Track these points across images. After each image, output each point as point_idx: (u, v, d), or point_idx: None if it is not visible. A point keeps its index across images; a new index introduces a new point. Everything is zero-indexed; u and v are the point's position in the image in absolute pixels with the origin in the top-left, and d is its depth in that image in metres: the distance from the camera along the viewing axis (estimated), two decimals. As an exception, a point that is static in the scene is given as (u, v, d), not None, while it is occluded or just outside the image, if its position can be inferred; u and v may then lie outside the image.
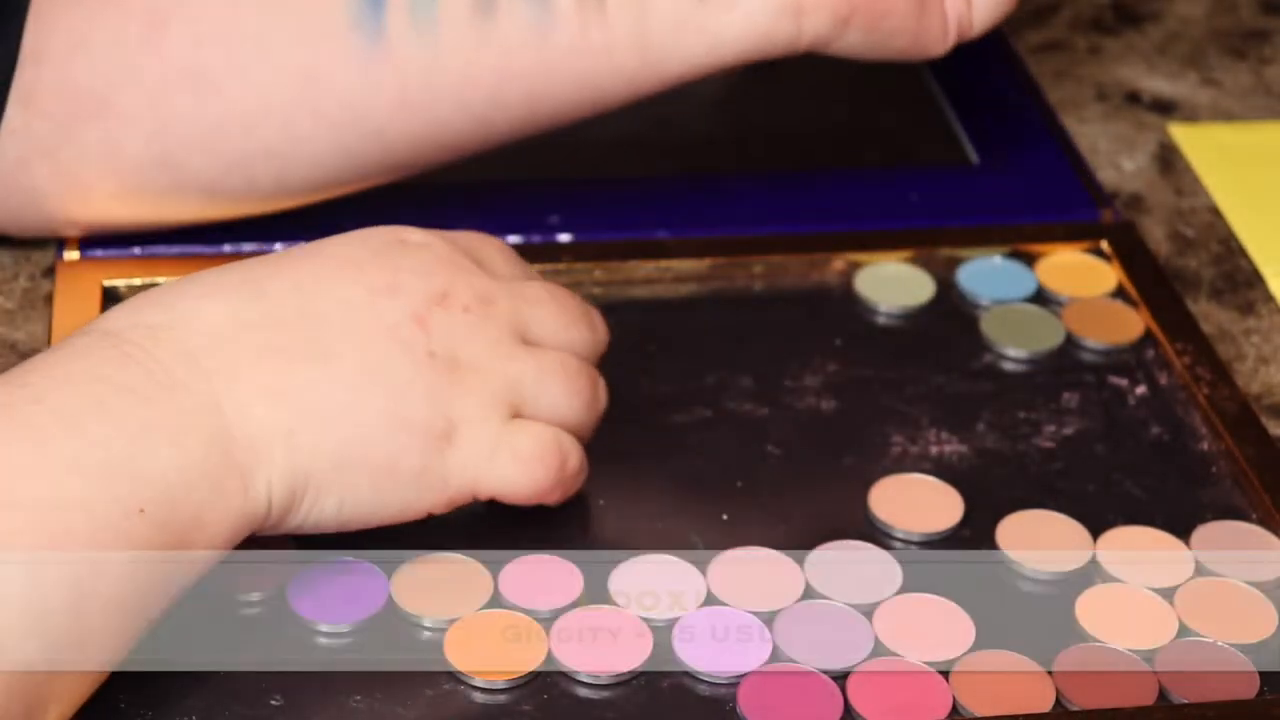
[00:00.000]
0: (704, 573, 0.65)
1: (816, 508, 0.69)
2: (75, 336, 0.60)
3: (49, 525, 0.54)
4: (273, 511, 0.60)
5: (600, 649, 0.63)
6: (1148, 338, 0.76)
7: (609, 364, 0.68)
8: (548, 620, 0.63)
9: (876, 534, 0.68)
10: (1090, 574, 0.67)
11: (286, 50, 0.70)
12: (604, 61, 0.71)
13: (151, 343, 0.59)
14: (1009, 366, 0.75)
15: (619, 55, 0.71)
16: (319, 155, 0.72)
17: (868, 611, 0.65)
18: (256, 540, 0.65)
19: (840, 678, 0.62)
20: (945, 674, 0.63)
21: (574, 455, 0.65)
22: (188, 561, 0.58)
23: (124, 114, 0.70)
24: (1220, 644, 0.64)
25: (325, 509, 0.61)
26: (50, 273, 0.76)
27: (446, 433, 0.62)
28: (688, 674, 0.63)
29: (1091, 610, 0.65)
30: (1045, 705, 0.62)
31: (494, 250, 0.68)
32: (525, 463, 0.63)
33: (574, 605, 0.64)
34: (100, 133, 0.70)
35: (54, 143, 0.71)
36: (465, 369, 0.62)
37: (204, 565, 0.59)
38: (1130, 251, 0.80)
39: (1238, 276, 0.80)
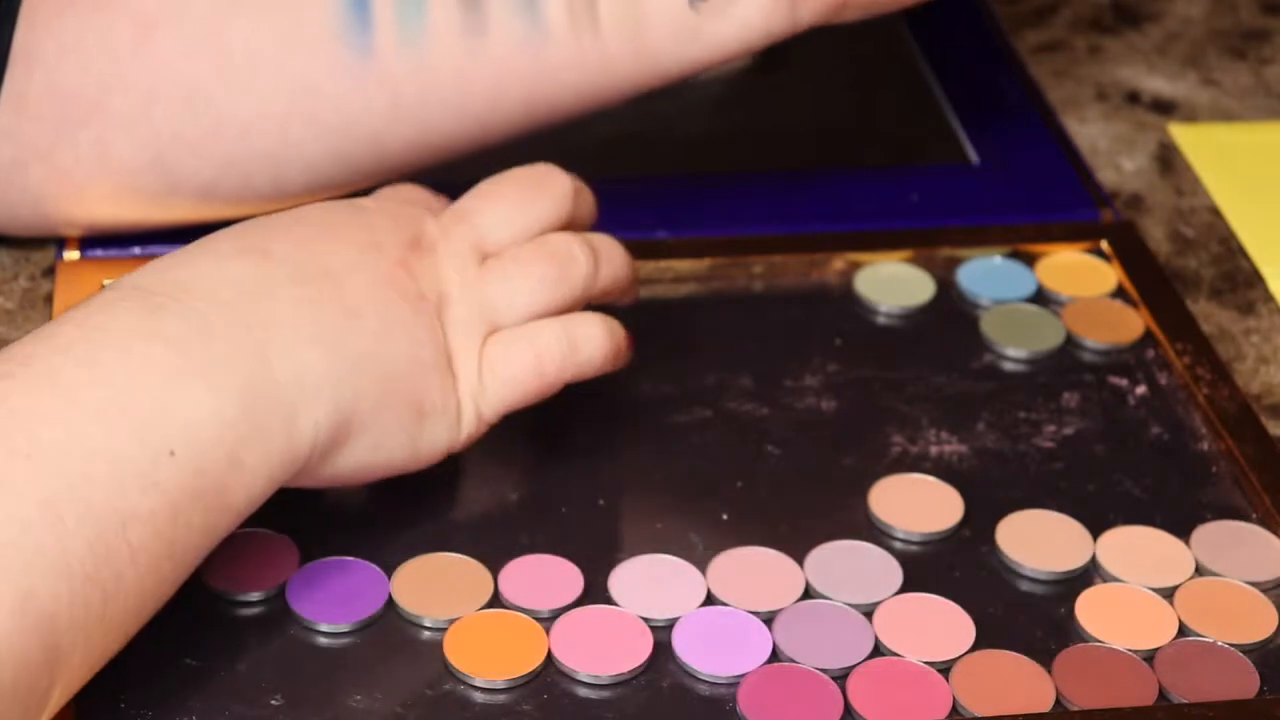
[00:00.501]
0: (704, 573, 0.65)
1: (816, 508, 0.69)
2: (105, 291, 0.61)
3: (69, 472, 0.54)
4: (315, 452, 0.60)
5: (600, 649, 0.63)
6: (1148, 338, 0.76)
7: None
8: (548, 620, 0.64)
9: (876, 534, 0.68)
10: (1090, 574, 0.67)
11: (278, 60, 0.70)
12: (600, 72, 0.71)
13: (183, 292, 0.60)
14: (1009, 366, 0.75)
15: (615, 65, 0.71)
16: (314, 159, 0.72)
17: (868, 611, 0.65)
18: (258, 538, 0.65)
19: (840, 678, 0.62)
20: (945, 674, 0.63)
21: (562, 341, 0.66)
22: (225, 505, 0.58)
23: (115, 118, 0.70)
24: (1220, 644, 0.64)
25: (360, 451, 0.62)
26: (50, 273, 0.76)
27: (449, 368, 0.64)
28: (688, 674, 0.63)
29: (1091, 610, 0.65)
30: (1045, 705, 0.62)
31: (426, 194, 0.71)
32: (509, 380, 0.65)
33: (574, 605, 0.64)
34: (92, 136, 0.70)
35: (47, 145, 0.71)
36: (446, 303, 0.65)
37: (249, 506, 0.59)
38: (1130, 251, 0.80)
39: (1238, 276, 0.80)
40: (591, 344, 0.66)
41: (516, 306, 0.66)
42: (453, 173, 0.76)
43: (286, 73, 0.70)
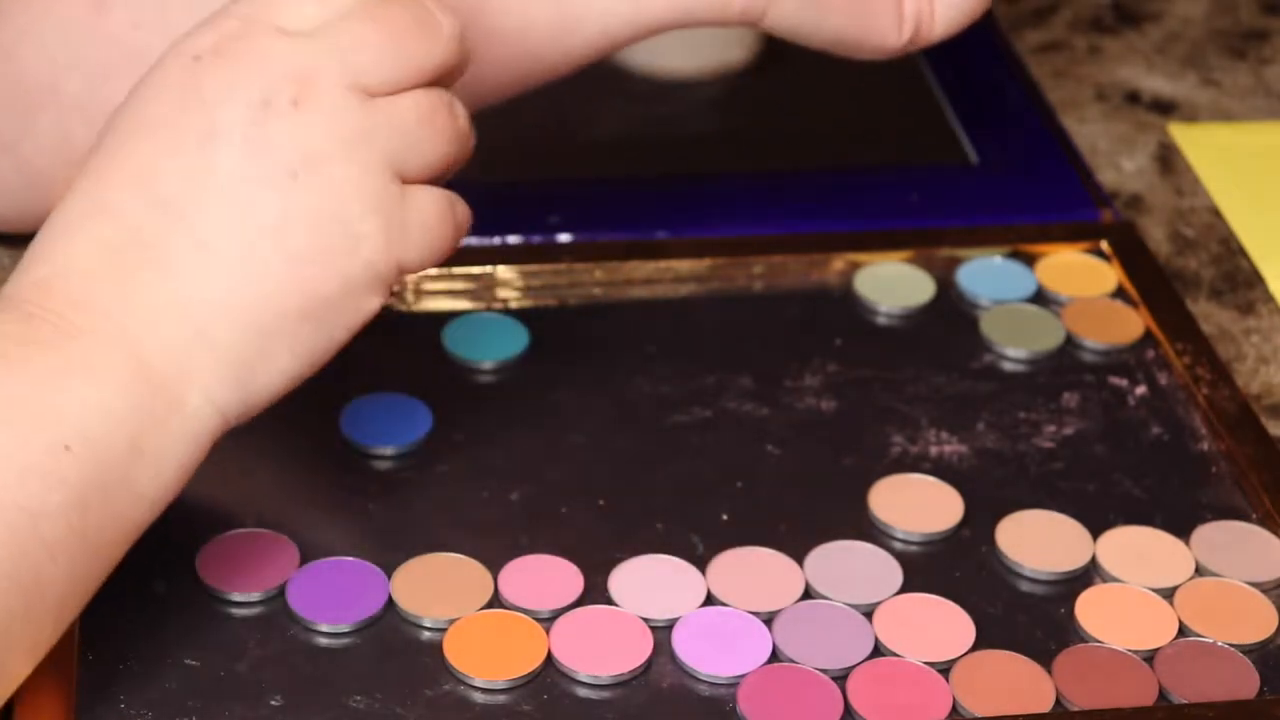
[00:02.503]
0: (704, 573, 0.65)
1: (816, 508, 0.68)
2: None
3: None
4: (230, 410, 0.59)
5: (600, 649, 0.63)
6: (1148, 338, 0.76)
7: (609, 364, 0.68)
8: (548, 620, 0.64)
9: (876, 534, 0.68)
10: (1090, 574, 0.67)
11: None
12: (518, 17, 0.68)
13: (44, 296, 0.58)
14: (1009, 366, 0.75)
15: (533, 10, 0.69)
16: None
17: (868, 611, 0.65)
18: (258, 538, 0.65)
19: (840, 678, 0.62)
20: (945, 674, 0.63)
21: (460, 205, 0.62)
22: (133, 492, 0.57)
23: (70, 100, 0.70)
24: (1220, 644, 0.64)
25: (284, 370, 0.59)
26: (50, 273, 0.76)
27: (348, 237, 0.59)
28: (688, 674, 0.63)
29: (1091, 610, 0.65)
30: (1045, 705, 0.62)
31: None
32: (433, 230, 0.61)
33: (574, 605, 0.64)
34: (51, 122, 0.70)
35: (13, 136, 0.71)
36: (328, 164, 0.58)
37: (162, 492, 0.58)
38: (1130, 251, 0.80)
39: (1238, 276, 0.80)
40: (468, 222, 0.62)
41: (412, 165, 0.60)
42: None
43: None
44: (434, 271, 0.76)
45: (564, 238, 0.79)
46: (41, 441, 0.55)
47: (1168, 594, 0.66)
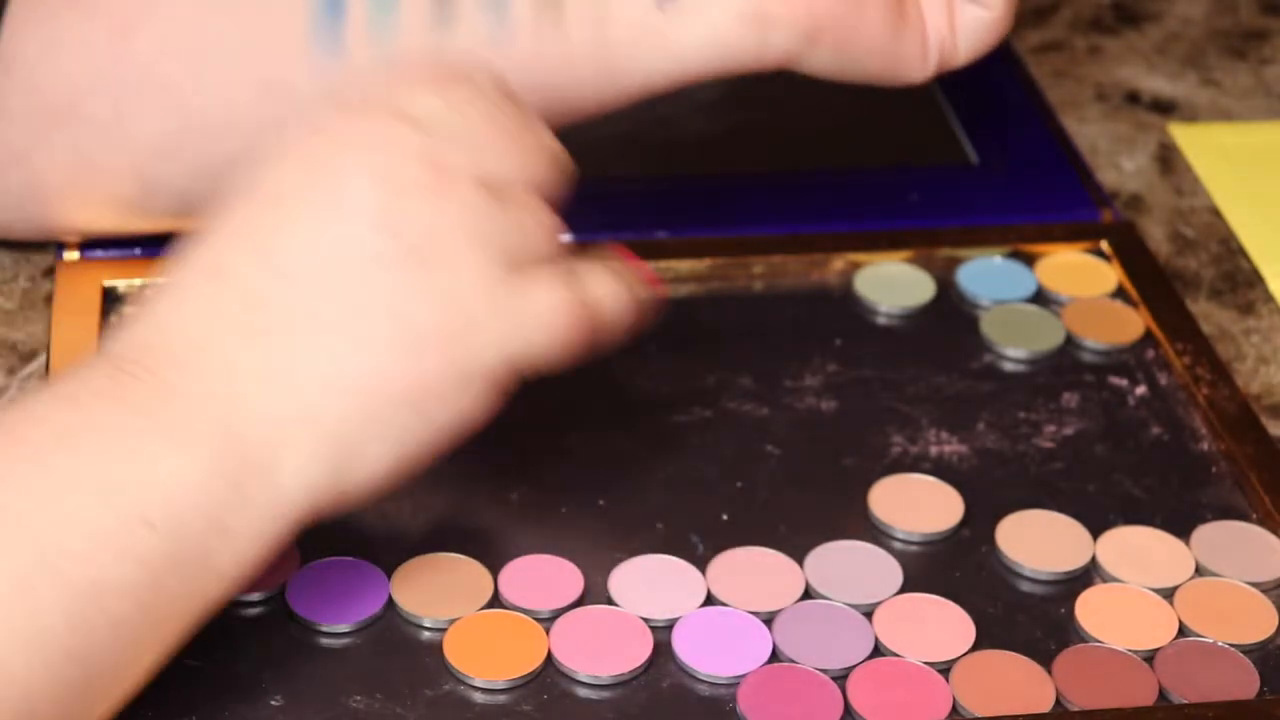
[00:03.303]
0: (704, 573, 0.65)
1: (816, 508, 0.68)
2: (80, 364, 0.59)
3: (43, 543, 0.53)
4: (320, 493, 0.57)
5: (600, 649, 0.63)
6: (1148, 338, 0.76)
7: (609, 363, 0.68)
8: (548, 620, 0.64)
9: (876, 534, 0.68)
10: (1090, 574, 0.67)
11: (247, 58, 0.69)
12: (563, 72, 0.69)
13: (144, 355, 0.57)
14: (1009, 366, 0.75)
15: (578, 67, 0.69)
16: None
17: (868, 611, 0.65)
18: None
19: (840, 678, 0.62)
20: (945, 674, 0.63)
21: (594, 292, 0.61)
22: (211, 571, 0.56)
23: (90, 120, 0.70)
24: (1220, 644, 0.64)
25: (382, 457, 0.58)
26: (50, 273, 0.76)
27: (463, 324, 0.58)
28: (688, 674, 0.63)
29: (1091, 610, 0.65)
30: (1045, 705, 0.62)
31: (421, 90, 0.61)
32: (551, 324, 0.59)
33: (574, 605, 0.64)
34: (68, 138, 0.70)
35: (25, 149, 0.71)
36: (452, 251, 0.58)
37: (241, 571, 0.57)
38: (1130, 251, 0.80)
39: (1238, 276, 0.80)
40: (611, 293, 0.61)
41: (532, 251, 0.60)
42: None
43: (255, 72, 0.69)
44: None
45: (564, 238, 0.78)
46: (121, 512, 0.54)
47: (1168, 594, 0.66)
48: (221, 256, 0.59)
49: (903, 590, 0.65)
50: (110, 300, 0.74)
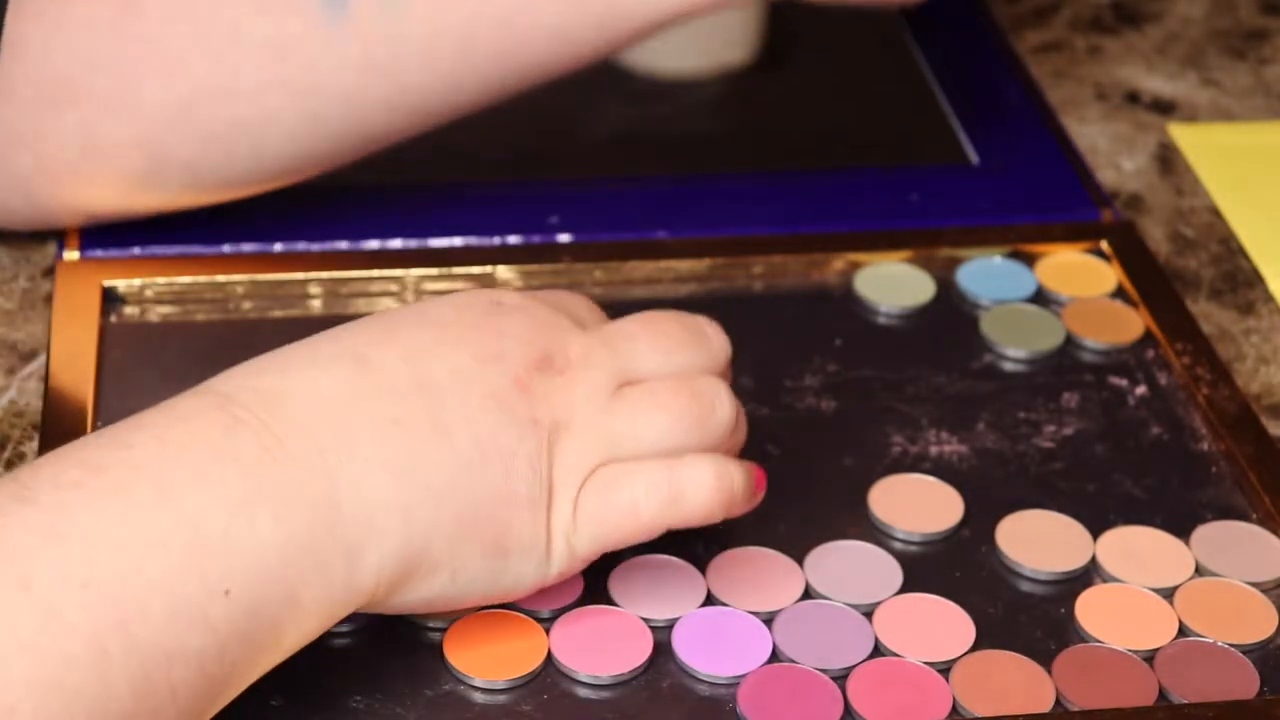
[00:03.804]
0: (704, 573, 0.65)
1: (816, 508, 0.68)
2: (187, 395, 0.58)
3: (123, 605, 0.52)
4: (379, 589, 0.58)
5: (600, 649, 0.63)
6: (1148, 338, 0.76)
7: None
8: (548, 620, 0.63)
9: (876, 534, 0.68)
10: (1090, 574, 0.67)
11: (250, 23, 0.70)
12: (560, 16, 0.71)
13: (263, 409, 0.57)
14: (1009, 366, 0.75)
15: (571, 13, 0.71)
16: (291, 127, 0.72)
17: (868, 611, 0.65)
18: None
19: (840, 678, 0.62)
20: (945, 674, 0.63)
21: (663, 489, 0.61)
22: (275, 643, 0.56)
23: (98, 97, 0.70)
24: (1220, 644, 0.64)
25: (435, 585, 0.59)
26: (50, 273, 0.76)
27: (546, 503, 0.60)
28: (688, 674, 0.63)
29: (1091, 610, 0.65)
30: (1045, 705, 0.62)
31: (584, 305, 0.66)
32: (602, 522, 0.61)
33: (574, 605, 0.64)
34: (76, 117, 0.71)
35: (33, 131, 0.71)
36: (564, 431, 0.61)
37: (298, 645, 0.57)
38: (1130, 251, 0.80)
39: (1238, 276, 0.80)
40: (699, 493, 0.61)
41: (643, 443, 0.62)
42: (454, 174, 0.76)
43: (260, 35, 0.70)
44: (434, 271, 0.76)
45: (564, 238, 0.79)
46: (205, 579, 0.54)
47: (1168, 594, 0.66)
48: (369, 349, 0.60)
49: (903, 590, 0.65)
50: (110, 300, 0.74)
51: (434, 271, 0.76)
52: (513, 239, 0.78)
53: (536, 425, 0.60)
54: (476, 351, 0.60)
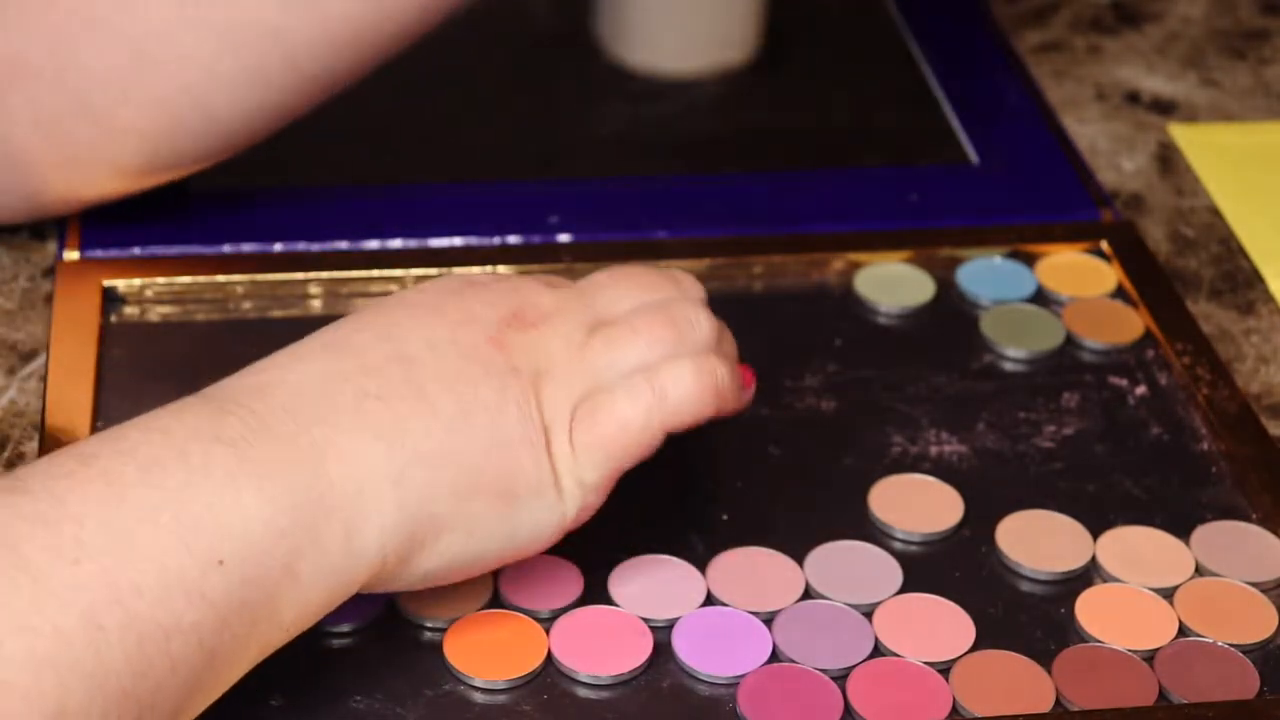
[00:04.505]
0: (704, 573, 0.65)
1: (816, 508, 0.68)
2: (180, 400, 0.59)
3: (115, 580, 0.53)
4: (390, 559, 0.58)
5: (600, 649, 0.63)
6: (1148, 338, 0.76)
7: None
8: (548, 620, 0.64)
9: (876, 534, 0.68)
10: (1090, 574, 0.67)
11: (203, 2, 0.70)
12: None
13: (249, 398, 0.58)
14: (1009, 366, 0.75)
15: None
16: (230, 78, 0.71)
17: (868, 611, 0.65)
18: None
19: (840, 678, 0.62)
20: (945, 674, 0.63)
21: (645, 390, 0.62)
22: (274, 617, 0.56)
23: (36, 71, 0.70)
24: (1220, 644, 0.64)
25: (453, 544, 0.59)
26: (50, 273, 0.76)
27: (545, 445, 0.61)
28: (688, 674, 0.63)
29: (1091, 610, 0.65)
30: (1045, 705, 0.62)
31: (555, 278, 0.67)
32: (596, 443, 0.61)
33: (574, 605, 0.64)
34: (21, 96, 0.70)
35: None
36: (545, 377, 0.61)
37: (302, 622, 0.57)
38: (1130, 251, 0.80)
39: (1238, 276, 0.80)
40: (680, 387, 0.62)
41: (624, 370, 0.62)
42: (454, 174, 0.76)
43: (218, 12, 0.70)
44: (434, 271, 0.76)
45: (564, 238, 0.79)
46: (196, 552, 0.54)
47: (1168, 594, 0.66)
48: (349, 336, 0.61)
49: (903, 590, 0.65)
50: (110, 300, 0.74)
51: (434, 271, 0.76)
52: (513, 239, 0.78)
53: (517, 374, 0.61)
54: (449, 321, 0.62)
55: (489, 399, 0.60)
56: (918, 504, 0.68)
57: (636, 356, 0.63)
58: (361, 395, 0.59)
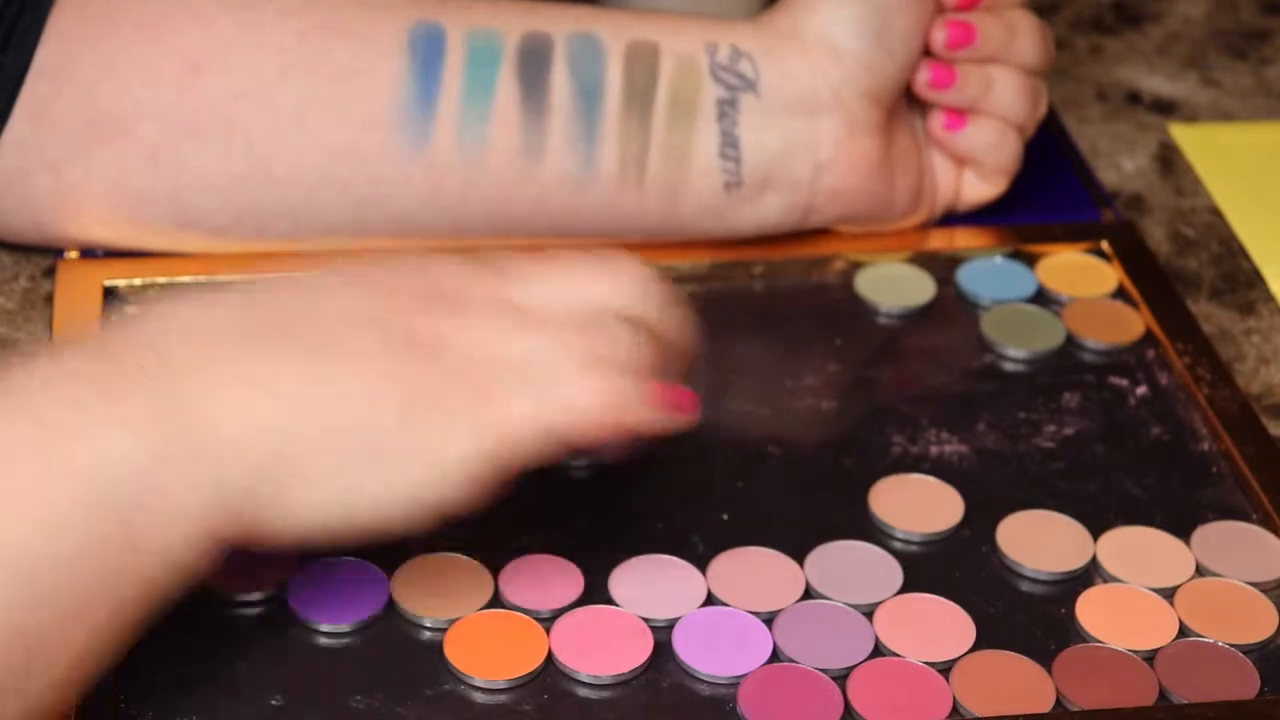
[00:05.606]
0: (704, 573, 0.65)
1: (816, 508, 0.68)
2: (72, 344, 0.59)
3: None
4: (259, 505, 0.57)
5: (600, 649, 0.63)
6: (1148, 338, 0.76)
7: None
8: (548, 620, 0.64)
9: (876, 534, 0.68)
10: (1090, 574, 0.67)
11: (326, 124, 0.71)
12: (630, 220, 0.74)
13: (132, 345, 0.58)
14: (1009, 366, 0.75)
15: (645, 220, 0.74)
16: (336, 223, 0.73)
17: (868, 611, 0.65)
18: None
19: (840, 678, 0.62)
20: (945, 674, 0.63)
21: (540, 390, 0.60)
22: (146, 547, 0.56)
23: (140, 145, 0.71)
24: (1220, 644, 0.64)
25: (324, 499, 0.58)
26: (50, 273, 0.76)
27: (423, 416, 0.58)
28: (688, 674, 0.63)
29: (1091, 610, 0.65)
30: (1045, 705, 0.62)
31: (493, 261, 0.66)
32: (483, 431, 0.59)
33: (574, 605, 0.64)
34: (111, 157, 0.71)
35: (60, 159, 0.71)
36: (443, 354, 0.59)
37: (172, 554, 0.56)
38: (1130, 251, 0.80)
39: (1238, 276, 0.80)
40: (579, 391, 0.60)
41: (520, 362, 0.60)
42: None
43: (334, 139, 0.71)
44: (434, 271, 0.76)
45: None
46: (63, 486, 0.54)
47: (1168, 594, 0.66)
48: (259, 293, 0.60)
49: (903, 590, 0.65)
50: (110, 300, 0.74)
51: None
52: (513, 239, 0.78)
53: (413, 341, 0.59)
54: (359, 288, 0.61)
55: (379, 357, 0.58)
56: (918, 504, 0.68)
57: (538, 351, 0.60)
58: (242, 344, 0.58)
